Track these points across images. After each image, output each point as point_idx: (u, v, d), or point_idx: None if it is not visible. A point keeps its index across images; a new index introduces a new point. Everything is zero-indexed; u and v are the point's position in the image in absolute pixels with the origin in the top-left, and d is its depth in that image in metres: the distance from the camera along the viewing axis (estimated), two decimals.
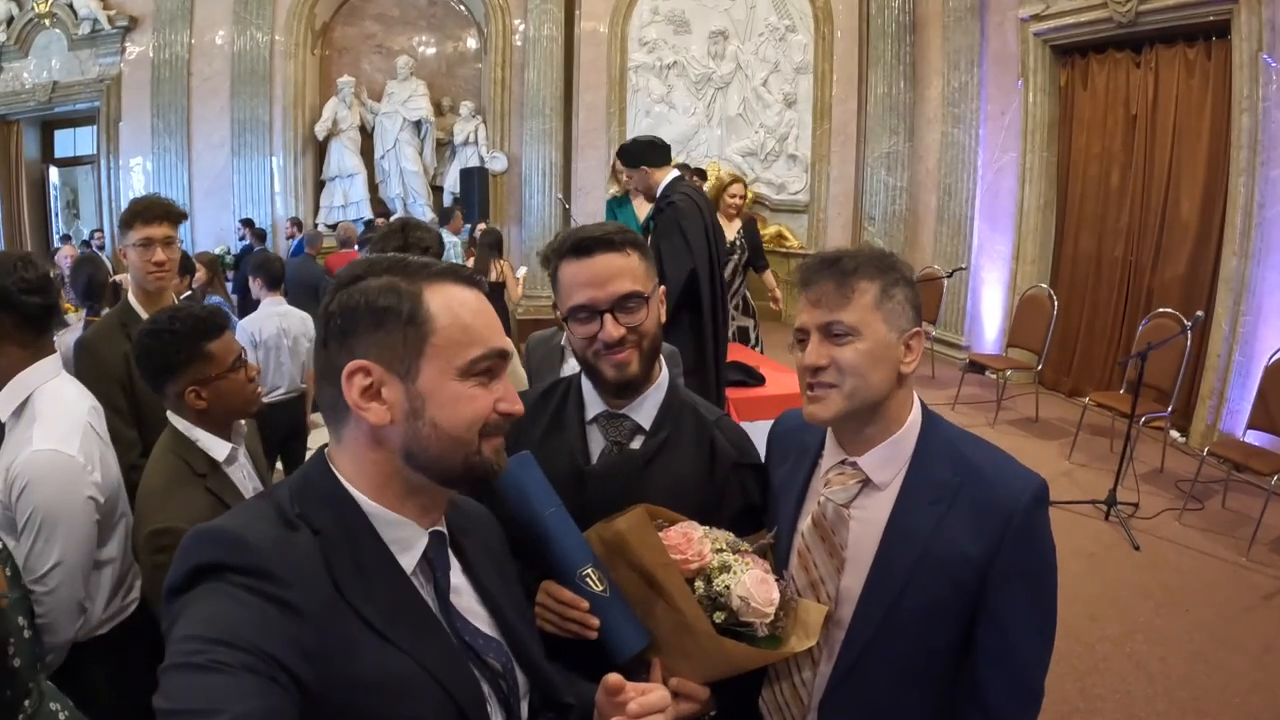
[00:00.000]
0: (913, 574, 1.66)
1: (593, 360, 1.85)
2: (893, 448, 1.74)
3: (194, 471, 2.41)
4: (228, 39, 12.27)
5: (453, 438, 1.23)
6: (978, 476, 1.69)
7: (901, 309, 1.71)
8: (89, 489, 2.29)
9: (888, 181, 11.98)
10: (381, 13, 13.43)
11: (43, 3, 12.28)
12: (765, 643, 1.62)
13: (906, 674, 1.72)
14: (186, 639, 1.02)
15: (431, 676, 1.19)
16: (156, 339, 2.42)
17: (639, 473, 1.86)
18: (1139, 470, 6.40)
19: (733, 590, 1.58)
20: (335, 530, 1.21)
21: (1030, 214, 9.65)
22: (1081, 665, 4.22)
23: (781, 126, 12.66)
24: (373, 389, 1.23)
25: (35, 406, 2.32)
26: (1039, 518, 1.67)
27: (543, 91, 12.68)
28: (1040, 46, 9.42)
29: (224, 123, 12.40)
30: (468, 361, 1.24)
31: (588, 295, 1.79)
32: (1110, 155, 8.95)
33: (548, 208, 12.74)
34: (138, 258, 3.27)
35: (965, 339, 10.46)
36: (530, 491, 1.67)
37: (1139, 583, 5.08)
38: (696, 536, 1.66)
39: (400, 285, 1.25)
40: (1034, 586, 1.67)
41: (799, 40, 12.41)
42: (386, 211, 12.94)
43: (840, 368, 1.66)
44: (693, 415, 1.97)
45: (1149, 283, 8.37)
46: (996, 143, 10.10)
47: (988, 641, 1.68)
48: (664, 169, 5.15)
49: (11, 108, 12.95)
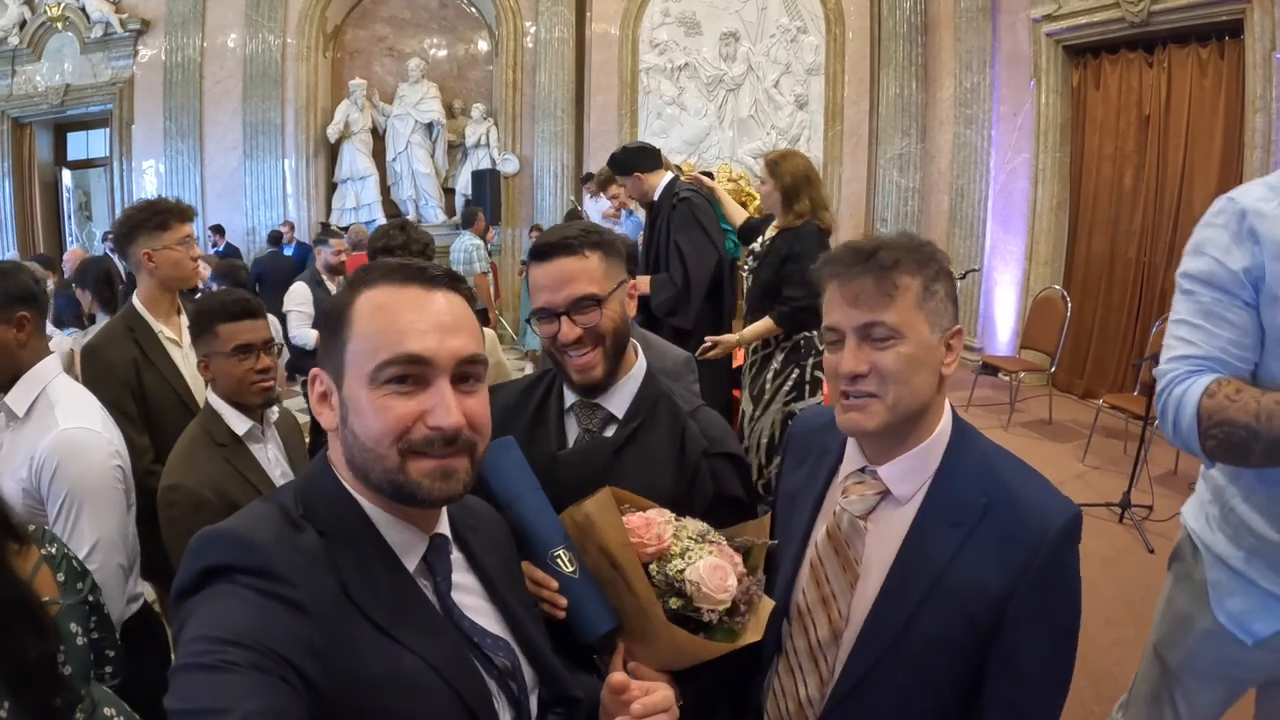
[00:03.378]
0: (924, 602, 1.55)
1: (559, 358, 1.90)
2: (918, 459, 1.62)
3: (214, 441, 2.58)
4: (239, 42, 12.32)
5: (367, 449, 1.20)
6: (1007, 499, 1.55)
7: (944, 306, 1.58)
8: (114, 458, 2.35)
9: (900, 183, 11.98)
10: (393, 15, 13.44)
11: (55, 6, 12.33)
12: (720, 634, 1.61)
13: (909, 706, 1.62)
14: (196, 640, 1.03)
15: (438, 674, 1.19)
16: (202, 303, 2.72)
17: (609, 460, 1.89)
18: (1153, 472, 6.34)
19: (685, 575, 1.57)
20: (339, 531, 1.22)
21: (1043, 215, 9.62)
22: (1096, 669, 4.19)
23: (793, 128, 12.61)
24: (325, 394, 1.27)
25: (51, 395, 2.38)
26: (1068, 554, 1.53)
27: (554, 94, 12.68)
28: (1052, 47, 9.39)
29: (236, 125, 12.45)
30: (373, 368, 1.19)
31: (545, 298, 1.86)
32: (1123, 156, 8.91)
33: (560, 209, 12.70)
34: (181, 256, 3.29)
35: (978, 341, 10.42)
36: (508, 473, 1.71)
37: (1154, 586, 4.95)
38: (659, 521, 1.66)
39: (347, 290, 1.27)
40: (1054, 630, 1.54)
41: (810, 41, 12.38)
42: (398, 213, 12.95)
43: (883, 375, 1.54)
44: (668, 405, 1.99)
45: (1162, 284, 8.30)
46: (1009, 144, 10.06)
47: (998, 684, 1.56)
48: (657, 173, 5.17)
49: (24, 111, 13.02)
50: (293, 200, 12.69)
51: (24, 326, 2.38)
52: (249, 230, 12.50)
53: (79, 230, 14.26)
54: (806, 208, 4.48)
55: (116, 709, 1.94)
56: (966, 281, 10.22)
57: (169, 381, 3.15)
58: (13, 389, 2.38)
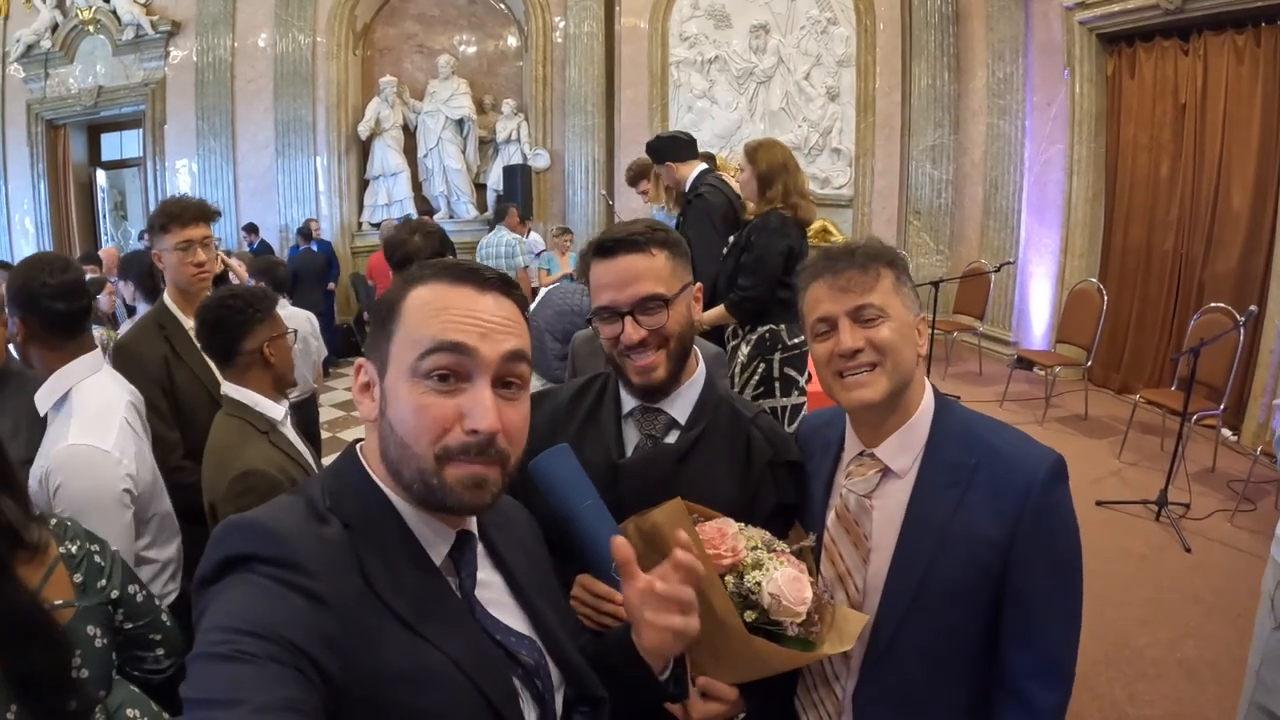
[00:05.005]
0: (935, 558, 1.68)
1: (619, 361, 1.85)
2: (908, 434, 1.77)
3: (257, 429, 2.64)
4: (270, 41, 12.41)
5: (403, 445, 1.19)
6: (993, 456, 1.70)
7: (912, 293, 1.78)
8: (121, 481, 2.36)
9: (933, 175, 11.86)
10: (422, 12, 13.47)
11: (86, 10, 12.48)
12: (796, 644, 1.59)
13: (938, 661, 1.72)
14: (213, 629, 1.02)
15: (461, 671, 1.18)
16: (229, 305, 2.70)
17: (673, 467, 1.84)
18: (1190, 469, 6.25)
19: (764, 587, 1.56)
20: (365, 523, 1.21)
21: (1078, 206, 9.49)
22: (1131, 671, 4.14)
23: (825, 120, 12.51)
24: (368, 384, 1.27)
25: (73, 402, 2.41)
26: (1058, 494, 1.67)
27: (584, 88, 12.70)
28: (1086, 35, 9.26)
29: (268, 124, 12.55)
30: (416, 357, 1.19)
31: (609, 297, 1.81)
32: (1159, 146, 8.77)
33: (591, 204, 12.77)
34: (178, 261, 3.30)
35: (1013, 335, 10.32)
36: (567, 484, 1.64)
37: (1190, 586, 4.97)
38: (731, 532, 1.64)
39: (400, 285, 1.27)
40: (1056, 564, 1.67)
41: (840, 33, 12.26)
42: (430, 209, 13.04)
43: (878, 347, 1.69)
44: (729, 410, 1.95)
45: (1200, 276, 8.20)
46: (1043, 134, 9.92)
47: (1013, 623, 1.68)
48: (689, 163, 5.17)
49: (58, 113, 13.17)
50: (325, 197, 12.76)
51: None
52: (282, 228, 12.60)
53: (114, 229, 14.44)
54: (778, 194, 4.45)
55: (141, 709, 1.94)
56: (1001, 275, 10.11)
57: (199, 377, 3.16)
58: (42, 385, 2.44)
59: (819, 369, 1.79)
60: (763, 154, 4.53)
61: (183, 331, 3.23)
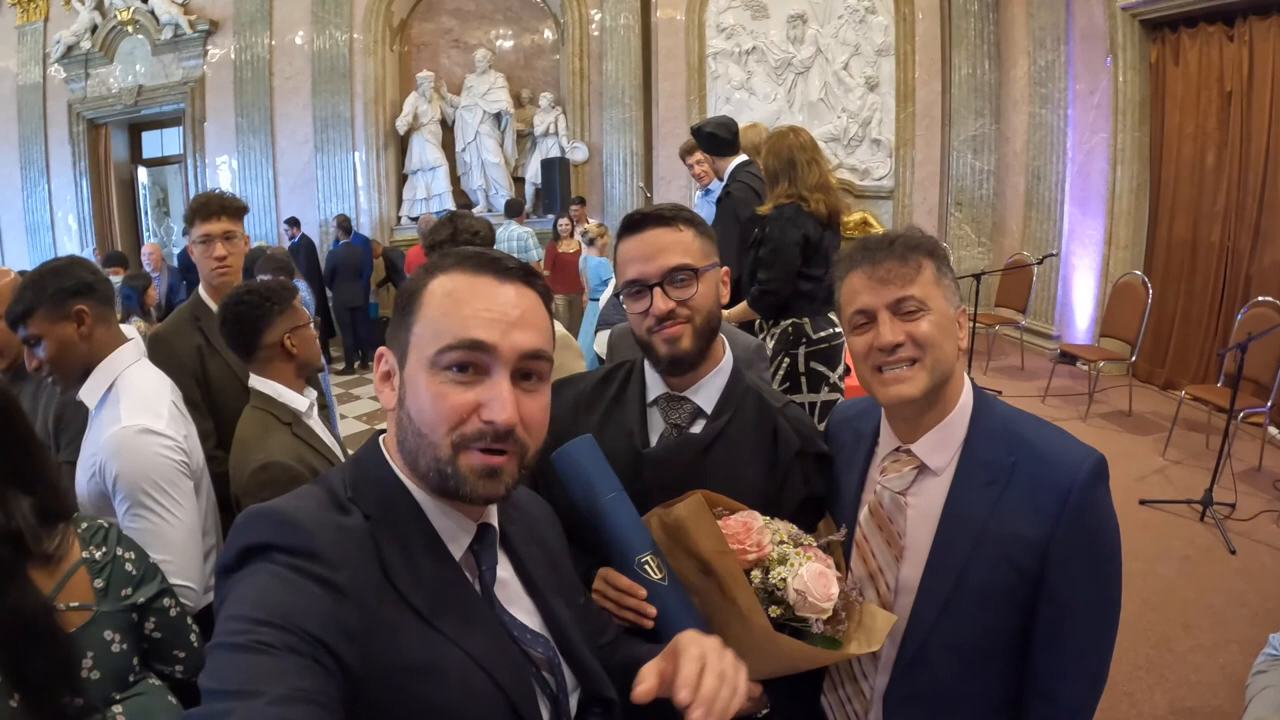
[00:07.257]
0: (971, 559, 1.65)
1: (647, 338, 1.84)
2: (946, 430, 1.74)
3: (280, 421, 2.67)
4: (307, 39, 12.53)
5: (420, 434, 1.19)
6: (1032, 454, 1.67)
7: (953, 285, 1.74)
8: (176, 453, 2.40)
9: (974, 165, 11.70)
10: (458, 8, 13.49)
11: (125, 10, 12.68)
12: (822, 642, 1.58)
13: (970, 663, 1.70)
14: (232, 618, 1.03)
15: (478, 665, 1.18)
16: (246, 301, 2.74)
17: (698, 457, 1.83)
18: (1236, 468, 6.11)
19: (789, 583, 1.54)
20: (385, 514, 1.22)
21: (1122, 197, 9.29)
22: (1173, 677, 4.05)
23: (864, 110, 12.38)
24: (388, 374, 1.27)
25: (119, 389, 2.45)
26: (1098, 494, 1.63)
27: (621, 81, 12.67)
28: (1129, 22, 9.06)
29: (306, 120, 12.67)
30: (435, 351, 1.18)
31: (637, 269, 1.82)
32: (1205, 134, 8.56)
33: (630, 197, 12.74)
34: (201, 254, 3.39)
35: (1056, 328, 10.15)
36: (590, 475, 1.65)
37: (1234, 589, 4.85)
38: (756, 526, 1.63)
39: (422, 274, 1.26)
40: (1094, 567, 1.63)
41: (879, 22, 12.12)
42: (469, 203, 13.09)
43: (919, 342, 1.66)
44: (756, 400, 1.94)
45: (1247, 269, 8.01)
46: (1086, 123, 9.73)
47: (1048, 625, 1.65)
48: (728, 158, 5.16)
49: (99, 112, 13.39)
50: (364, 192, 12.86)
51: (83, 320, 2.45)
52: (321, 223, 12.70)
53: (157, 226, 14.67)
54: (783, 190, 4.41)
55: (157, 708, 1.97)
56: (1044, 267, 9.96)
57: (232, 368, 3.19)
58: (86, 381, 2.47)
59: (856, 363, 1.77)
60: (768, 150, 4.51)
61: (216, 323, 3.28)
